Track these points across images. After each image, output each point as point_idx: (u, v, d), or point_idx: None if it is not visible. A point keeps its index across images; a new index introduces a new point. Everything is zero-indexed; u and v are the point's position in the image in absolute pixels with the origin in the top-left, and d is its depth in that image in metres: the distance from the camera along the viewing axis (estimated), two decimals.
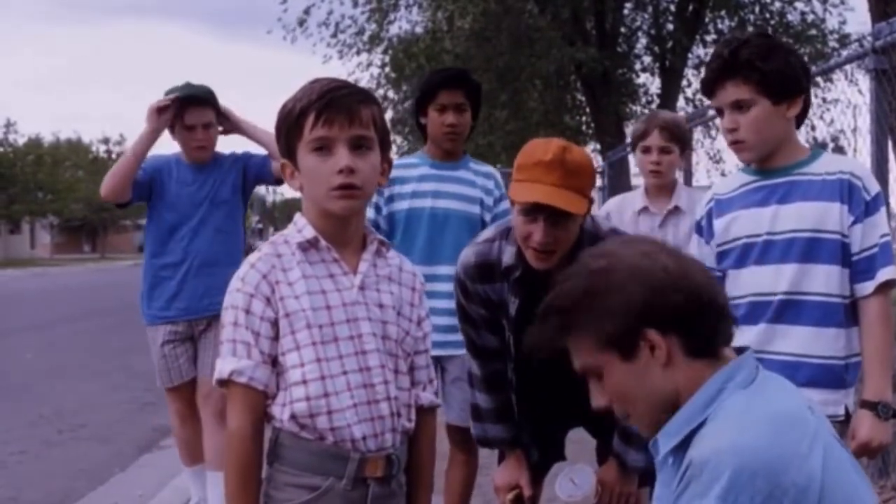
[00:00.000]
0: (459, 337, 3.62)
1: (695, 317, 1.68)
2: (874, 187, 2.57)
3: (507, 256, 2.73)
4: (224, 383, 2.07)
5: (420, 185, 3.77)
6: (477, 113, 3.82)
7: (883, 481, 4.60)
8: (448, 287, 3.63)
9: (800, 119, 2.65)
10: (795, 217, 2.58)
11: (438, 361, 3.47)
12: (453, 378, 3.69)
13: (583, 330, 1.71)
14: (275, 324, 2.05)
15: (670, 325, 1.67)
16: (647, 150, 3.97)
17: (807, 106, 2.63)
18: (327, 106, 2.01)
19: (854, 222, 2.55)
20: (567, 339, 1.74)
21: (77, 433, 7.15)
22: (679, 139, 3.97)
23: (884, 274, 2.54)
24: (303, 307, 2.06)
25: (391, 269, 2.21)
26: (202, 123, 4.20)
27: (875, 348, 2.55)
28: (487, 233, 2.86)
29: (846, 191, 2.54)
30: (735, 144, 2.63)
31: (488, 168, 3.95)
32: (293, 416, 2.05)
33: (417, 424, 2.22)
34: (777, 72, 2.52)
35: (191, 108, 4.17)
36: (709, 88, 2.63)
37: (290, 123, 2.06)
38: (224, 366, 2.05)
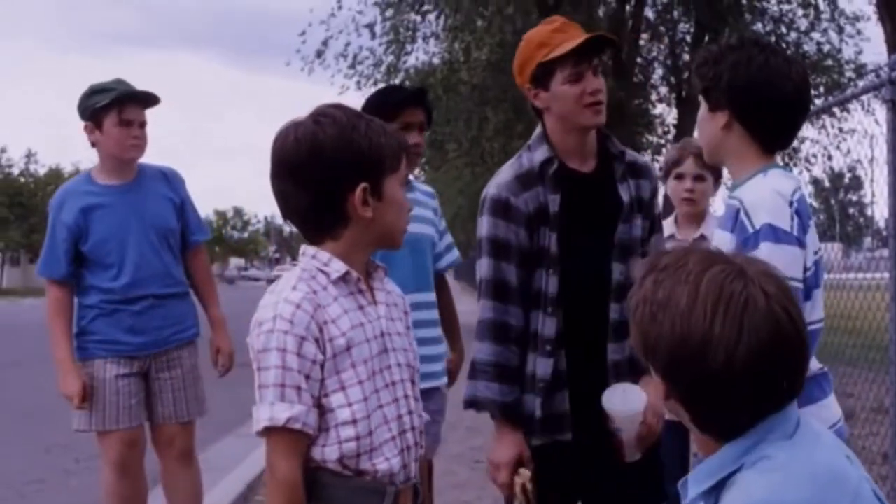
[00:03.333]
0: (440, 367, 3.64)
1: (703, 402, 1.62)
2: (760, 219, 2.34)
3: (540, 154, 2.78)
4: (268, 430, 1.99)
5: None
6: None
7: None
8: (432, 315, 3.63)
9: (761, 140, 2.48)
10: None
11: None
12: (431, 411, 3.47)
13: (632, 318, 1.67)
14: (322, 366, 2.01)
15: (677, 393, 1.62)
16: (680, 177, 3.94)
17: (761, 128, 2.46)
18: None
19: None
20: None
21: (93, 462, 7.11)
22: (713, 167, 3.95)
23: None
24: (349, 345, 2.03)
25: (392, 295, 2.23)
26: (140, 121, 3.95)
27: None
28: (510, 160, 2.88)
29: (734, 219, 2.42)
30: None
31: (429, 187, 3.89)
32: (342, 457, 2.01)
33: None
34: (709, 80, 2.47)
35: (130, 105, 3.93)
36: None
37: (391, 153, 2.08)
38: (276, 413, 1.96)
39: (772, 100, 2.42)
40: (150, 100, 4.02)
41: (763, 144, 2.48)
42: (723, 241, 2.43)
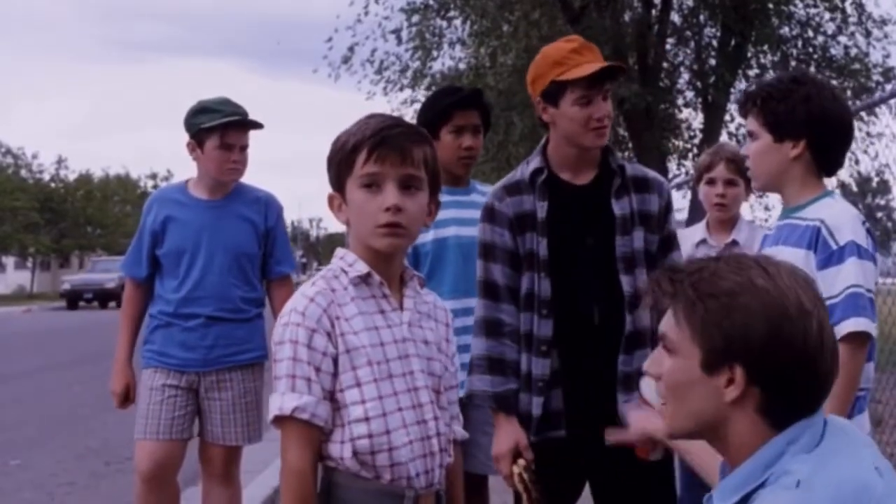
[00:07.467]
0: None
1: (789, 385, 1.56)
2: (845, 237, 2.50)
3: (533, 165, 2.89)
4: (279, 419, 2.02)
5: (441, 213, 3.51)
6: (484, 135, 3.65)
7: None
8: None
9: (823, 165, 2.64)
10: None
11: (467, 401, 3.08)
12: (480, 421, 3.45)
13: (691, 320, 1.59)
14: (335, 360, 2.03)
15: (762, 378, 1.56)
16: (712, 182, 3.97)
17: (826, 155, 2.62)
18: (380, 143, 2.03)
19: (818, 269, 2.51)
20: (672, 305, 1.62)
21: (124, 465, 7.19)
22: (745, 173, 3.96)
23: (844, 327, 2.43)
24: (363, 343, 2.05)
25: (429, 305, 2.25)
26: (241, 145, 3.93)
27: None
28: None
29: (815, 238, 2.54)
30: (748, 170, 2.78)
31: (490, 187, 3.75)
32: (355, 454, 2.02)
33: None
34: (781, 112, 2.58)
35: (233, 129, 3.91)
36: (743, 117, 2.77)
37: (343, 157, 2.08)
38: (285, 402, 2.00)
39: (841, 129, 2.64)
40: (253, 124, 4.00)
41: (824, 171, 2.66)
42: (795, 257, 2.49)
